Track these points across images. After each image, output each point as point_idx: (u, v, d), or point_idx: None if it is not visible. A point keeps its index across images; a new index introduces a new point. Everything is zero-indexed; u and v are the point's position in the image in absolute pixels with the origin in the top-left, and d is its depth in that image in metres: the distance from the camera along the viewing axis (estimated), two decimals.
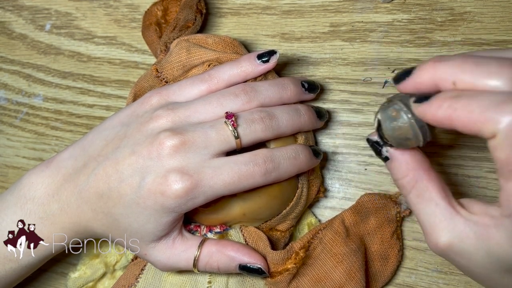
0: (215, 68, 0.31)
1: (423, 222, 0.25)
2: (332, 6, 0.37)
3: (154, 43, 0.37)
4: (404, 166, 0.26)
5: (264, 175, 0.28)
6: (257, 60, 0.31)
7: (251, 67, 0.31)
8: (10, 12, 0.45)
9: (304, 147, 0.31)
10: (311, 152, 0.31)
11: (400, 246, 0.33)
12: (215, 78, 0.31)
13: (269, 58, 0.31)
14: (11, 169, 0.43)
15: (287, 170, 0.29)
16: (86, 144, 0.31)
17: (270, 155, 0.29)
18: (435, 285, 0.33)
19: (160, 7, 0.37)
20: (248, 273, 0.30)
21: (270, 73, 0.33)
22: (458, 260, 0.24)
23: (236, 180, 0.28)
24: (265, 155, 0.29)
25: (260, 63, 0.31)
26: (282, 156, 0.29)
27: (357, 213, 0.33)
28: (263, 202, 0.31)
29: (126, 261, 0.36)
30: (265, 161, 0.28)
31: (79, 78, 0.42)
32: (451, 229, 0.24)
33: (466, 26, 0.34)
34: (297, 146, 0.30)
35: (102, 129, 0.31)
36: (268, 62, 0.31)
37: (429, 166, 0.26)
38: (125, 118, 0.31)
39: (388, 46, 0.35)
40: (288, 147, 0.30)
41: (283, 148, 0.30)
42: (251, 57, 0.31)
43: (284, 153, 0.29)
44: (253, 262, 0.30)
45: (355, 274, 0.30)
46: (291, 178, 0.31)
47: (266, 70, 0.31)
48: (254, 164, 0.28)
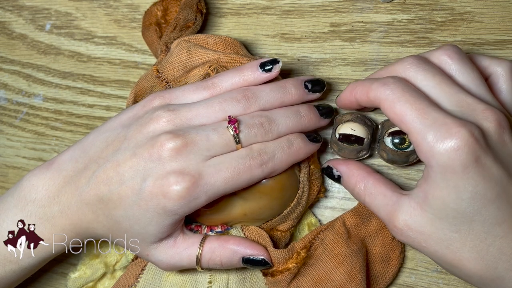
0: (218, 76, 0.31)
1: (380, 215, 0.29)
2: (332, 6, 0.37)
3: (154, 43, 0.37)
4: (352, 176, 0.31)
5: (261, 167, 0.29)
6: (259, 69, 0.31)
7: (253, 76, 0.31)
8: (10, 12, 0.45)
9: (297, 134, 0.31)
10: (305, 138, 0.31)
11: (401, 249, 0.33)
12: (218, 87, 0.31)
13: (272, 67, 0.31)
14: (11, 169, 0.43)
15: (282, 159, 0.30)
16: (87, 146, 0.31)
17: (263, 147, 0.29)
18: (435, 285, 0.33)
19: (160, 7, 0.37)
20: (252, 265, 0.30)
21: None
22: (417, 237, 0.27)
23: (236, 175, 0.28)
24: (259, 147, 0.29)
25: (262, 72, 0.31)
26: (276, 146, 0.30)
27: (358, 215, 0.33)
28: (264, 203, 0.31)
29: (126, 261, 0.36)
30: (259, 153, 0.29)
31: (79, 78, 0.42)
32: (401, 210, 0.27)
33: (466, 26, 0.34)
34: (289, 136, 0.31)
35: (103, 131, 0.31)
36: (271, 71, 0.31)
37: (371, 170, 0.31)
38: (126, 120, 0.31)
39: (388, 46, 0.35)
40: (281, 138, 0.30)
41: (276, 139, 0.30)
42: (253, 66, 0.31)
43: (277, 144, 0.30)
44: (256, 253, 0.30)
45: (355, 276, 0.30)
46: (292, 178, 0.31)
47: (268, 79, 0.31)
48: (250, 157, 0.29)
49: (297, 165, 0.32)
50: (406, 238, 0.27)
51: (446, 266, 0.27)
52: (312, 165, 0.33)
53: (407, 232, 0.27)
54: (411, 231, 0.27)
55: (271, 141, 0.30)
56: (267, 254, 0.31)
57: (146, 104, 0.31)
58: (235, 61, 0.33)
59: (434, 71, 0.28)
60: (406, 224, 0.27)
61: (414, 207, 0.27)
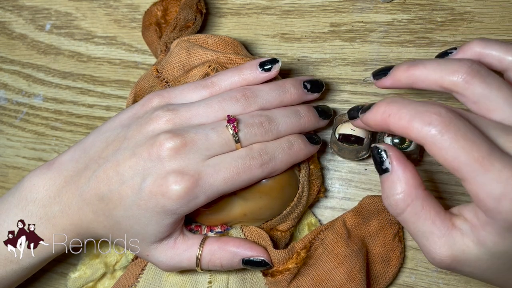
0: (217, 75, 0.31)
1: (421, 240, 0.25)
2: (332, 6, 0.37)
3: (154, 43, 0.37)
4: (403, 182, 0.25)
5: (261, 167, 0.29)
6: (259, 69, 0.31)
7: (253, 75, 0.31)
8: (10, 12, 0.45)
9: (298, 135, 0.31)
10: (305, 139, 0.31)
11: (401, 249, 0.33)
12: (217, 86, 0.31)
13: (271, 66, 0.31)
14: (11, 169, 0.43)
15: (283, 160, 0.30)
16: (87, 146, 0.31)
17: (264, 147, 0.29)
18: (435, 285, 0.33)
19: (160, 7, 0.37)
20: (252, 266, 0.30)
21: None
22: (465, 270, 0.25)
23: (235, 175, 0.28)
24: (259, 147, 0.29)
25: (262, 72, 0.31)
26: (276, 147, 0.29)
27: (358, 215, 0.33)
28: (264, 203, 0.31)
29: (126, 261, 0.36)
30: (260, 153, 0.29)
31: (79, 78, 0.42)
32: (452, 244, 0.24)
33: (466, 26, 0.34)
34: (290, 136, 0.30)
35: (103, 131, 0.31)
36: (270, 71, 0.31)
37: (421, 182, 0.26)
38: (126, 120, 0.31)
39: (388, 46, 0.35)
40: (281, 138, 0.30)
41: (277, 140, 0.30)
42: (253, 65, 0.31)
43: (278, 144, 0.30)
44: (256, 255, 0.30)
45: (356, 276, 0.30)
46: (292, 178, 0.31)
47: (268, 79, 0.31)
48: (251, 157, 0.28)
49: (296, 165, 0.32)
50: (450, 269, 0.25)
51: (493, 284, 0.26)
52: (312, 165, 0.33)
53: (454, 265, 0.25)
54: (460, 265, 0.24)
55: (272, 141, 0.30)
56: (267, 255, 0.30)
57: (145, 103, 0.31)
58: (234, 61, 0.33)
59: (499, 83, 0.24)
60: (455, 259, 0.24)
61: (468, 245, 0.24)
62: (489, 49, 0.26)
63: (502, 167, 0.21)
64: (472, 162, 0.22)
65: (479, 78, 0.24)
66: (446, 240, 0.24)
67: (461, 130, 0.22)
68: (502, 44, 0.26)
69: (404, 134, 0.24)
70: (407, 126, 0.24)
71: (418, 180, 0.25)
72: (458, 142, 0.22)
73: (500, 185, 0.21)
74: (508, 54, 0.26)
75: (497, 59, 0.26)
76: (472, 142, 0.22)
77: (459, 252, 0.24)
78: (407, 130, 0.24)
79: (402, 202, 0.25)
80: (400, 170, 0.25)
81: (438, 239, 0.24)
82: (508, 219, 0.22)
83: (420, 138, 0.23)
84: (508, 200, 0.21)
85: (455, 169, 0.22)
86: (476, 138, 0.22)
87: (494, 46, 0.26)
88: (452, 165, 0.23)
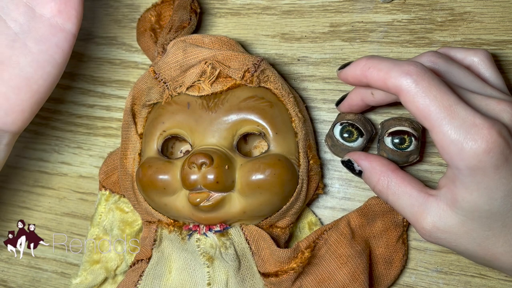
0: None
1: (406, 215, 0.28)
2: (332, 6, 0.37)
3: (150, 49, 0.37)
4: (374, 173, 0.29)
5: None
6: None
7: None
8: None
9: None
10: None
11: (405, 251, 0.33)
12: None
13: None
14: (11, 169, 0.43)
15: None
16: None
17: None
18: (435, 285, 0.33)
19: (154, 13, 0.37)
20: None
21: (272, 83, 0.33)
22: (446, 237, 0.26)
23: None
24: None
25: None
26: None
27: (363, 215, 0.33)
28: (264, 198, 0.31)
29: (126, 266, 0.36)
30: None
31: (79, 78, 0.42)
32: (429, 211, 0.27)
33: (466, 26, 0.34)
34: None
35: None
36: None
37: (395, 167, 0.29)
38: None
39: (388, 46, 0.35)
40: None
41: None
42: None
43: None
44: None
45: (359, 276, 0.30)
46: (291, 173, 0.31)
47: None
48: None
49: (296, 160, 0.32)
50: (435, 239, 0.27)
51: (478, 261, 0.27)
52: (311, 160, 0.33)
53: (436, 233, 0.27)
54: (441, 232, 0.26)
55: None
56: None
57: None
58: (231, 57, 0.32)
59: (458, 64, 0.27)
60: (435, 225, 0.26)
61: (443, 208, 0.26)
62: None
63: (466, 115, 0.24)
64: (441, 109, 0.24)
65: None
66: (424, 208, 0.27)
67: (434, 81, 0.25)
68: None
69: (381, 85, 0.26)
70: (385, 77, 0.26)
71: (387, 166, 0.29)
72: (431, 91, 0.24)
73: (462, 131, 0.24)
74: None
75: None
76: (444, 92, 0.24)
77: (436, 217, 0.26)
78: (384, 81, 0.26)
79: (382, 189, 0.29)
80: (367, 165, 0.30)
81: (417, 209, 0.27)
82: (470, 166, 0.24)
83: (396, 87, 0.25)
84: (469, 146, 0.24)
85: (425, 117, 0.25)
86: (446, 89, 0.25)
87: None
88: (423, 113, 0.25)
